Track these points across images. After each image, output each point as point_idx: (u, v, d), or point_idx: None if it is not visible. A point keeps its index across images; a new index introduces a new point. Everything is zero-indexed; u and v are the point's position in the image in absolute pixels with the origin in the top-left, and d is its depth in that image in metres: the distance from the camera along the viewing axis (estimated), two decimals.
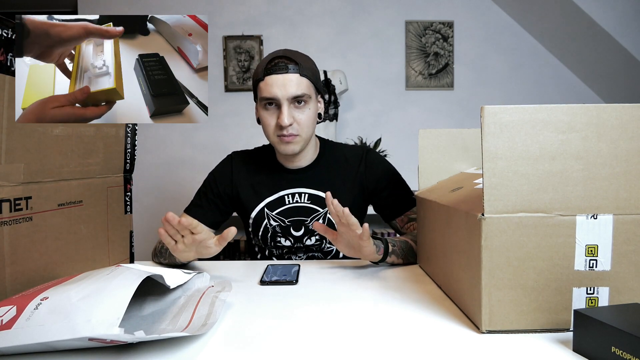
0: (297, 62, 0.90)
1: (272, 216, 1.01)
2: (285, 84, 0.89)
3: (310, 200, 1.01)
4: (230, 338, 0.50)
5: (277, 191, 1.02)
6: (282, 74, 0.89)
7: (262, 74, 0.90)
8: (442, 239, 0.66)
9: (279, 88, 0.89)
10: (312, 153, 1.03)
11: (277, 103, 0.90)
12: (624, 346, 0.38)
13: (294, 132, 0.92)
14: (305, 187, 1.01)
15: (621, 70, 2.30)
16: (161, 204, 2.57)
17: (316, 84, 0.95)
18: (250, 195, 1.03)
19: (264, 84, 0.90)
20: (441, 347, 0.47)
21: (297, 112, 0.92)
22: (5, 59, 0.49)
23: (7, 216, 0.51)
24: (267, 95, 0.90)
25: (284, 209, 1.01)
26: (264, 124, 0.95)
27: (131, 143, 0.78)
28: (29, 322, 0.41)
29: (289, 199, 1.01)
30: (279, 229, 1.01)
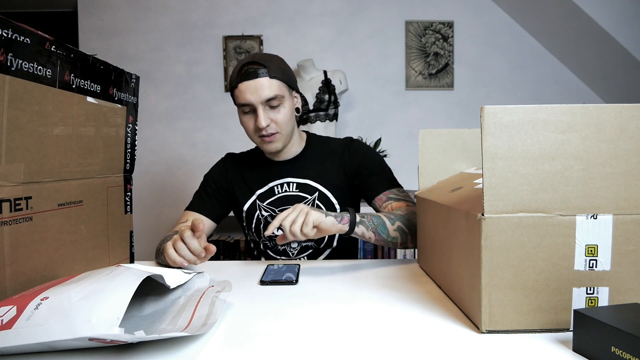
0: (266, 65, 0.95)
1: (263, 207, 1.06)
2: (257, 88, 0.93)
3: (298, 188, 1.06)
4: (230, 338, 0.50)
5: (267, 183, 1.07)
6: (253, 80, 0.94)
7: (235, 82, 0.96)
8: (442, 239, 0.66)
9: (252, 94, 0.94)
10: (297, 146, 1.08)
11: (253, 107, 0.95)
12: (623, 346, 0.38)
13: (272, 131, 0.97)
14: (293, 176, 1.07)
15: (621, 70, 2.30)
16: (161, 204, 2.57)
17: (288, 82, 0.99)
18: (243, 190, 1.09)
19: (238, 92, 0.96)
20: (441, 347, 0.47)
21: (272, 113, 0.96)
22: (5, 59, 0.49)
23: (7, 216, 0.51)
24: (242, 102, 0.95)
25: (274, 199, 1.06)
26: (245, 128, 1.00)
27: (131, 143, 0.78)
28: (29, 322, 0.41)
29: (279, 189, 1.07)
30: (271, 219, 1.06)
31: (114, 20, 2.52)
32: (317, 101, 2.25)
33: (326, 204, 1.05)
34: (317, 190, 1.05)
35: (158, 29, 2.53)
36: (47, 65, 0.56)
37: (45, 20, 2.87)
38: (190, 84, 2.55)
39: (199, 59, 2.54)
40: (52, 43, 0.56)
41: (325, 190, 1.05)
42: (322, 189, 1.05)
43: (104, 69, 0.68)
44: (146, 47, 2.53)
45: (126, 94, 0.75)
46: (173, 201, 2.56)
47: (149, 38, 2.53)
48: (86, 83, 0.64)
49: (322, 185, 1.05)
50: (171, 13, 2.53)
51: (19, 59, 0.51)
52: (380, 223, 0.88)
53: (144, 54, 2.53)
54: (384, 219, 0.89)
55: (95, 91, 0.67)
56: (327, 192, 1.05)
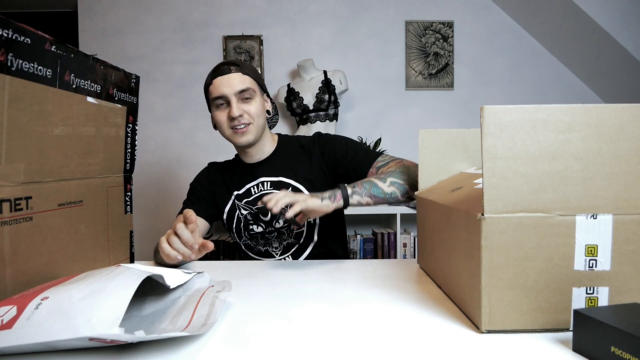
0: (238, 64, 1.03)
1: (241, 206, 1.11)
2: (230, 81, 1.01)
3: (272, 186, 1.10)
4: (230, 338, 0.50)
5: (244, 185, 1.11)
6: (227, 74, 1.01)
7: (210, 79, 1.03)
8: (442, 239, 0.66)
9: (225, 86, 1.00)
10: (269, 146, 1.13)
11: (227, 100, 1.01)
12: (623, 346, 0.38)
13: (245, 122, 1.02)
14: (266, 176, 1.11)
15: (621, 70, 2.30)
16: (161, 204, 2.57)
17: (259, 82, 1.07)
18: (223, 193, 1.13)
19: (212, 87, 1.02)
20: (441, 347, 0.47)
21: (245, 105, 1.02)
22: (6, 59, 0.49)
23: (8, 216, 0.51)
24: (216, 95, 1.01)
25: (251, 198, 1.10)
26: (218, 122, 1.04)
27: (131, 143, 0.78)
28: (29, 322, 0.41)
29: (254, 190, 1.10)
30: (250, 217, 1.10)
31: (114, 20, 2.52)
32: (317, 101, 2.25)
33: None
34: (290, 186, 1.08)
35: (158, 29, 2.53)
36: (47, 65, 0.56)
37: (45, 20, 2.87)
38: (190, 84, 2.55)
39: (199, 59, 2.54)
40: (52, 43, 0.56)
41: (298, 184, 1.09)
42: (295, 184, 1.09)
43: (104, 69, 0.68)
44: (146, 47, 2.53)
45: (126, 94, 0.75)
46: (173, 201, 2.56)
47: (149, 38, 2.53)
48: (86, 83, 0.64)
49: (294, 180, 1.09)
50: (171, 13, 2.53)
51: (19, 59, 0.51)
52: (371, 186, 0.91)
53: (144, 54, 2.53)
54: (374, 180, 0.92)
55: (96, 91, 0.67)
56: (300, 186, 1.08)
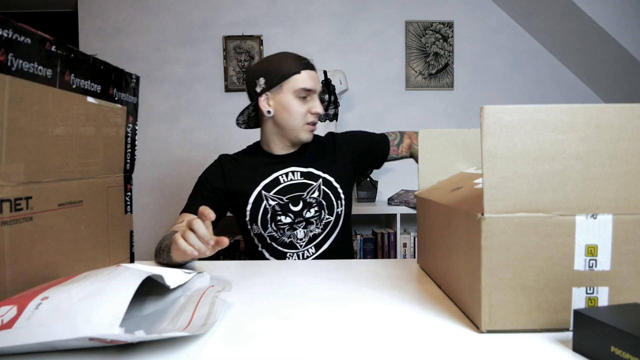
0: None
1: (270, 197, 1.09)
2: (316, 80, 1.07)
3: (303, 176, 1.11)
4: (230, 338, 0.50)
5: (271, 173, 1.10)
6: (314, 71, 1.07)
7: (299, 68, 1.04)
8: (442, 239, 0.66)
9: (315, 83, 1.05)
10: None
11: (310, 95, 1.06)
12: (623, 346, 0.38)
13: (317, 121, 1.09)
14: (296, 166, 1.12)
15: (621, 70, 2.30)
16: (161, 204, 2.57)
17: None
18: (245, 184, 1.10)
19: (301, 77, 1.04)
20: (441, 347, 0.47)
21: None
22: (6, 59, 0.49)
23: (8, 216, 0.51)
24: (307, 87, 1.04)
25: (280, 187, 1.09)
26: (294, 111, 1.05)
27: (131, 143, 0.78)
28: (30, 322, 0.41)
29: (283, 178, 1.10)
30: (279, 207, 1.08)
31: (114, 20, 2.52)
32: None
33: (330, 187, 1.12)
34: (321, 177, 1.11)
35: (158, 29, 2.53)
36: (47, 65, 0.56)
37: (45, 20, 2.87)
38: (190, 84, 2.55)
39: (199, 59, 2.54)
40: (52, 43, 0.56)
41: (328, 175, 1.12)
42: (325, 175, 1.12)
43: (104, 69, 0.68)
44: (146, 47, 2.54)
45: (126, 94, 0.75)
46: (173, 201, 2.56)
47: (149, 38, 2.53)
48: (86, 83, 0.64)
49: (323, 172, 1.12)
50: (171, 13, 2.53)
51: (19, 59, 0.51)
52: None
53: (144, 54, 2.53)
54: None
55: (96, 91, 0.67)
56: (330, 177, 1.12)
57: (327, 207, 1.10)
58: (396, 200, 2.23)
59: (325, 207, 1.10)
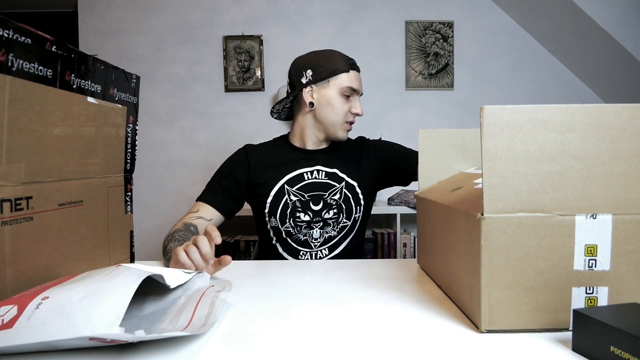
0: None
1: (292, 192, 1.09)
2: (361, 82, 1.09)
3: (327, 177, 1.11)
4: (230, 338, 0.50)
5: (296, 169, 1.10)
6: (359, 73, 1.09)
7: (347, 67, 1.06)
8: (442, 239, 0.66)
9: (359, 84, 1.08)
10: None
11: (353, 95, 1.08)
12: (623, 346, 0.38)
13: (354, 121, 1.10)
14: (321, 165, 1.12)
15: (621, 70, 2.30)
16: (161, 204, 2.57)
17: None
18: (269, 175, 1.10)
19: (348, 76, 1.06)
20: (441, 346, 0.47)
21: None
22: (6, 59, 0.49)
23: (8, 216, 0.51)
24: (353, 86, 1.06)
25: (303, 184, 1.09)
26: (337, 108, 1.07)
27: (131, 143, 0.78)
28: (30, 322, 0.41)
29: (308, 175, 1.10)
30: (299, 204, 1.08)
31: (114, 20, 2.52)
32: None
33: (353, 193, 1.12)
34: (344, 180, 1.11)
35: (158, 29, 2.54)
36: (47, 65, 0.56)
37: (45, 20, 2.87)
38: (190, 84, 2.55)
39: (199, 59, 2.54)
40: (52, 43, 0.56)
41: (352, 180, 1.12)
42: (349, 179, 1.12)
43: (104, 69, 0.68)
44: (146, 47, 2.54)
45: (126, 94, 0.75)
46: (173, 201, 2.56)
47: (149, 38, 2.53)
48: (86, 83, 0.64)
49: (347, 175, 1.12)
50: (171, 13, 2.53)
51: (19, 59, 0.51)
52: None
53: (144, 54, 2.53)
54: None
55: (96, 91, 0.67)
56: (353, 181, 1.12)
57: (346, 211, 1.10)
58: (396, 200, 2.23)
59: (344, 211, 1.10)
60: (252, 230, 2.45)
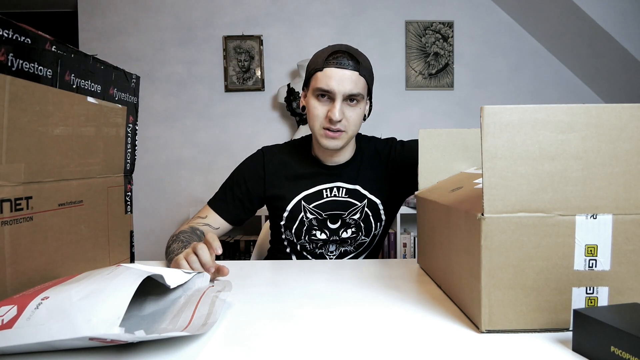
0: (358, 60, 0.91)
1: (309, 209, 1.01)
2: (343, 80, 0.89)
3: (348, 194, 1.02)
4: (230, 338, 0.50)
5: (315, 185, 1.02)
6: (342, 69, 0.89)
7: (322, 65, 0.91)
8: (442, 239, 0.66)
9: (337, 83, 0.89)
10: (350, 151, 1.04)
11: (331, 97, 0.91)
12: (623, 346, 0.38)
13: (341, 128, 0.92)
14: (343, 182, 1.02)
15: (621, 70, 2.30)
16: (161, 204, 2.57)
17: (370, 85, 0.96)
18: (286, 189, 1.02)
19: (322, 75, 0.90)
20: (441, 346, 0.47)
21: (348, 109, 0.92)
22: (6, 59, 0.49)
23: (8, 216, 0.51)
24: (324, 87, 0.90)
25: (321, 202, 1.01)
26: (312, 113, 0.94)
27: (131, 143, 0.78)
28: (30, 322, 0.41)
29: (327, 193, 1.02)
30: (316, 222, 1.01)
31: (114, 20, 2.52)
32: None
33: (374, 211, 1.04)
34: (366, 198, 1.02)
35: (158, 29, 2.54)
36: (47, 65, 0.56)
37: (45, 20, 2.88)
38: (190, 84, 2.55)
39: (199, 59, 2.54)
40: (52, 43, 0.56)
41: (375, 198, 1.03)
42: (371, 197, 1.03)
43: (104, 69, 0.68)
44: (146, 47, 2.54)
45: (126, 94, 0.75)
46: (173, 201, 2.56)
47: (149, 38, 2.53)
48: (86, 83, 0.64)
49: (371, 193, 1.03)
50: (171, 13, 2.53)
51: (19, 59, 0.51)
52: None
53: (144, 54, 2.53)
54: None
55: (96, 91, 0.67)
56: (376, 199, 1.03)
57: (365, 229, 1.03)
58: None
59: (362, 229, 1.03)
60: (252, 230, 2.45)
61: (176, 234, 0.95)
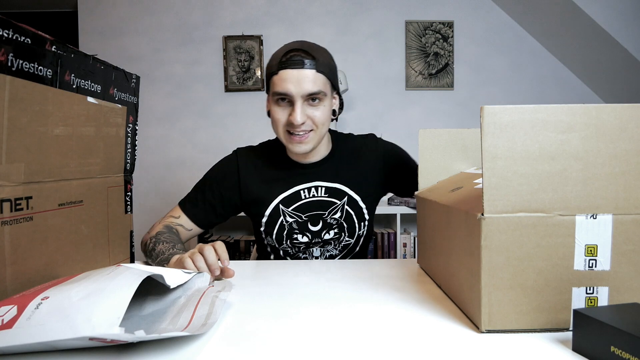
0: (314, 56, 0.86)
1: (288, 212, 0.97)
2: (300, 80, 0.84)
3: (327, 193, 0.98)
4: (230, 338, 0.50)
5: (292, 186, 0.97)
6: (298, 69, 0.84)
7: (277, 68, 0.86)
8: (442, 239, 0.66)
9: (294, 84, 0.84)
10: (325, 148, 1.00)
11: (291, 99, 0.86)
12: (623, 346, 0.38)
13: (306, 129, 0.88)
14: (322, 180, 0.98)
15: (621, 70, 2.30)
16: (161, 204, 2.57)
17: (333, 80, 0.91)
18: (263, 193, 0.98)
19: (277, 78, 0.86)
20: (441, 346, 0.47)
21: (310, 110, 0.87)
22: (6, 59, 0.49)
23: (8, 216, 0.51)
24: (281, 91, 0.85)
25: (300, 204, 0.98)
26: (274, 119, 0.90)
27: (131, 143, 0.78)
28: (30, 322, 0.41)
29: (305, 194, 0.97)
30: (296, 225, 0.98)
31: (114, 20, 2.52)
32: None
33: (356, 209, 1.01)
34: (347, 195, 0.99)
35: (158, 29, 2.53)
36: (47, 65, 0.56)
37: (45, 20, 2.87)
38: (190, 84, 2.55)
39: (199, 59, 2.54)
40: (52, 43, 0.56)
41: (355, 194, 1.00)
42: (352, 194, 1.00)
43: (104, 69, 0.68)
44: (146, 48, 2.54)
45: (126, 94, 0.75)
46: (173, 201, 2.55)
47: (149, 38, 2.53)
48: (86, 83, 0.64)
49: (351, 189, 1.00)
50: (171, 13, 2.53)
51: (19, 59, 0.51)
52: None
53: (144, 54, 2.53)
54: None
55: (96, 91, 0.67)
56: (356, 196, 1.00)
57: (348, 229, 1.00)
58: (396, 200, 2.23)
59: (345, 229, 1.00)
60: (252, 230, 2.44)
61: (153, 235, 0.90)
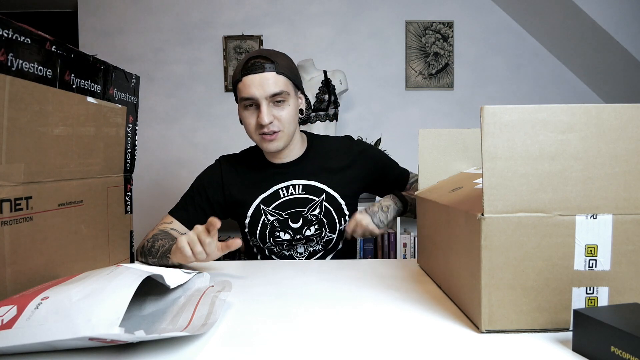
0: (273, 60, 0.92)
1: (268, 211, 1.02)
2: (262, 83, 0.90)
3: (305, 190, 1.03)
4: (230, 338, 0.50)
5: (270, 186, 1.03)
6: (259, 74, 0.91)
7: (240, 75, 0.92)
8: (442, 239, 0.66)
9: (257, 88, 0.91)
10: (299, 147, 1.05)
11: (256, 103, 0.92)
12: (623, 346, 0.38)
13: (275, 129, 0.94)
14: (298, 178, 1.03)
15: (621, 70, 2.30)
16: (161, 204, 2.57)
17: (294, 80, 0.97)
18: (244, 195, 1.04)
19: (242, 85, 0.92)
20: (441, 347, 0.47)
21: (276, 110, 0.94)
22: (6, 59, 0.49)
23: (8, 216, 0.51)
24: (246, 96, 0.92)
25: (279, 202, 1.02)
26: (245, 124, 0.97)
27: (131, 143, 0.78)
28: (30, 322, 0.41)
29: (284, 192, 1.03)
30: (277, 223, 1.02)
31: (114, 20, 2.52)
32: (317, 101, 2.25)
33: (333, 204, 1.04)
34: (324, 192, 1.03)
35: (158, 29, 2.53)
36: (47, 65, 0.56)
37: (45, 20, 2.87)
38: (190, 84, 2.55)
39: (199, 59, 2.54)
40: (52, 43, 0.56)
41: (332, 191, 1.04)
42: (329, 190, 1.04)
43: (104, 69, 0.68)
44: (146, 47, 2.53)
45: (126, 94, 0.75)
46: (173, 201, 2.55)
47: (149, 38, 2.53)
48: (86, 83, 0.64)
49: (328, 186, 1.04)
50: (171, 13, 2.53)
51: (19, 59, 0.51)
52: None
53: (144, 54, 2.53)
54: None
55: (96, 91, 0.67)
56: (334, 192, 1.04)
57: (329, 224, 1.04)
58: None
59: (326, 225, 1.03)
60: None
61: (149, 237, 0.94)
